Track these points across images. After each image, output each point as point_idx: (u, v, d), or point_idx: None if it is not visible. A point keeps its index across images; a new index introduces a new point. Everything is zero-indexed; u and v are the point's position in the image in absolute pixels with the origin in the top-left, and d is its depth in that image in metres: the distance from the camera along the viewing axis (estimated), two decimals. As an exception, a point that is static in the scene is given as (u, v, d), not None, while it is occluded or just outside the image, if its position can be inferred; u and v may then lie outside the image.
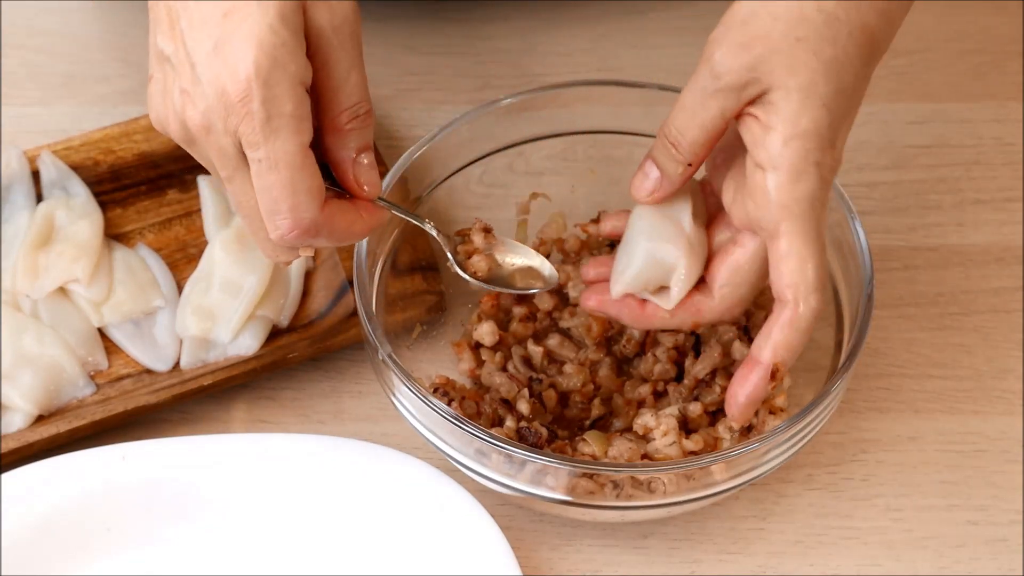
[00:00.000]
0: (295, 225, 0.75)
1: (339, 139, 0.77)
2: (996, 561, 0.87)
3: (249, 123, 0.73)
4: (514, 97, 0.93)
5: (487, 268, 0.85)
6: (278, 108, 0.72)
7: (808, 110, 0.77)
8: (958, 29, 1.10)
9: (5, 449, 0.88)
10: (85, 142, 1.00)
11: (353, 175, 0.78)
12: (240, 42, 0.72)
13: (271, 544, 0.86)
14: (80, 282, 0.95)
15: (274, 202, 0.74)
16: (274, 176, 0.74)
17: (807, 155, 0.77)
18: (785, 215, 0.78)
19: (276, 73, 0.72)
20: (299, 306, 0.96)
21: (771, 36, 0.77)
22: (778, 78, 0.77)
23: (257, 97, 0.72)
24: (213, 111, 0.73)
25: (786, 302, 0.79)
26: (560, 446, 0.87)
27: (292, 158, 0.73)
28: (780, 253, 0.79)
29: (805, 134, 0.77)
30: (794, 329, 0.80)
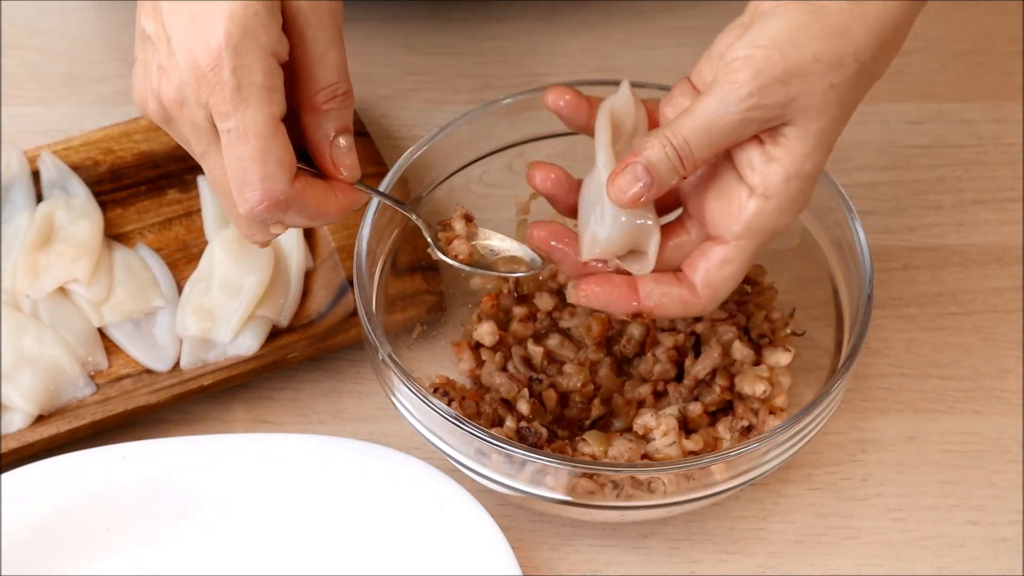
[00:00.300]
0: (264, 196, 0.74)
1: (316, 119, 0.76)
2: (996, 561, 0.87)
3: (220, 92, 0.72)
4: (514, 97, 0.93)
5: (468, 252, 0.84)
6: (248, 77, 0.72)
7: (817, 154, 0.78)
8: (958, 29, 1.10)
9: (5, 449, 0.88)
10: (85, 142, 1.00)
11: (331, 157, 0.77)
12: (213, 13, 0.72)
13: (271, 544, 0.86)
14: (80, 282, 0.95)
15: (243, 172, 0.74)
16: (244, 146, 0.73)
17: (800, 195, 0.78)
18: (748, 235, 0.79)
19: (246, 42, 0.72)
20: (299, 306, 0.96)
21: (809, 77, 0.76)
22: (801, 118, 0.77)
23: (227, 66, 0.72)
24: (186, 84, 0.73)
25: (694, 292, 0.79)
26: (560, 446, 0.87)
27: (262, 128, 0.73)
28: (720, 256, 0.79)
29: (807, 176, 0.78)
30: (682, 308, 0.80)
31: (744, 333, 0.90)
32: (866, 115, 1.05)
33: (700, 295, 0.80)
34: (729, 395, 0.88)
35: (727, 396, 0.88)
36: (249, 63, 0.72)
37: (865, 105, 0.93)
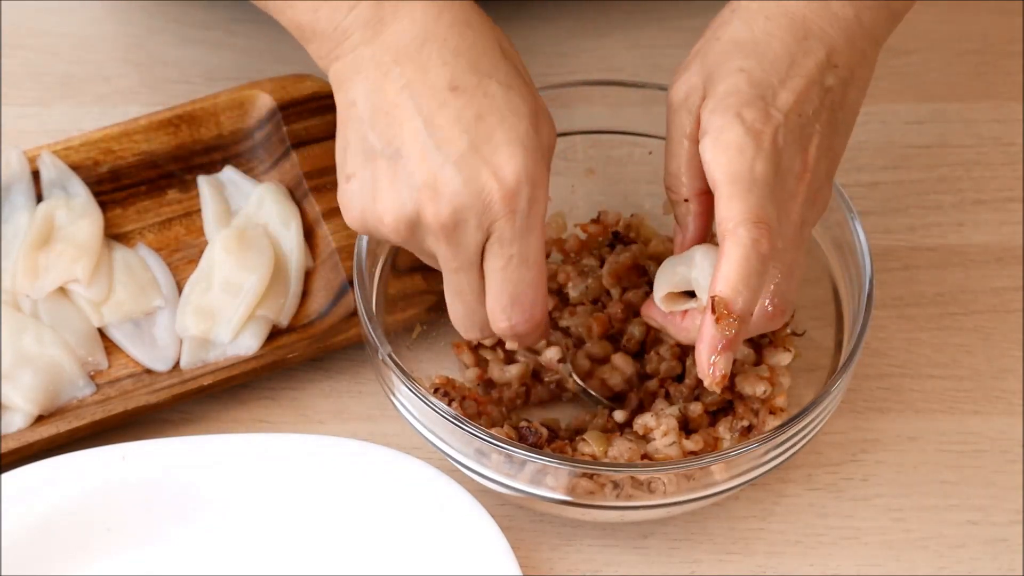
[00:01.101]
0: (530, 319, 0.80)
1: None
2: (996, 561, 0.87)
3: (510, 221, 0.76)
4: (514, 97, 0.93)
5: None
6: (539, 208, 0.77)
7: (727, 78, 0.79)
8: (958, 29, 1.10)
9: (5, 449, 0.88)
10: (85, 142, 1.00)
11: None
12: (504, 144, 0.76)
13: (271, 544, 0.86)
14: (80, 282, 0.95)
15: (518, 295, 0.79)
16: (524, 272, 0.78)
17: (726, 110, 0.78)
18: (716, 167, 0.77)
19: (539, 173, 0.76)
20: (299, 306, 0.96)
21: (702, 50, 0.81)
22: (707, 74, 0.79)
23: (524, 196, 0.76)
24: (469, 208, 0.76)
25: (720, 240, 0.77)
26: (560, 446, 0.87)
27: (540, 256, 0.78)
28: (715, 201, 0.78)
29: (725, 96, 0.78)
30: (728, 260, 0.76)
31: (744, 333, 0.90)
32: (866, 115, 1.05)
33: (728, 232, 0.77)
34: (729, 395, 0.88)
35: (727, 396, 0.88)
36: (540, 196, 0.77)
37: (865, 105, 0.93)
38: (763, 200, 0.77)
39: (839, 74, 0.80)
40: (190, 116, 1.00)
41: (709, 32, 0.82)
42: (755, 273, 0.76)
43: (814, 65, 0.80)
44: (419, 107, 0.77)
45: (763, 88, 0.78)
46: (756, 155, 0.77)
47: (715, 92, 0.79)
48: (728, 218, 0.76)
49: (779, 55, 0.79)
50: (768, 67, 0.79)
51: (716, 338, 0.76)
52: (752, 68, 0.79)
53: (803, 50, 0.80)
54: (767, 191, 0.77)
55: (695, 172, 0.81)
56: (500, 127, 0.76)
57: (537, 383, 0.91)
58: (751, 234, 0.76)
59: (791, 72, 0.79)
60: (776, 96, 0.78)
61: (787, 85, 0.79)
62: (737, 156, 0.77)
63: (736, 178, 0.77)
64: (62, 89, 1.08)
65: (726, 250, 0.76)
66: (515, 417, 0.90)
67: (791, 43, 0.80)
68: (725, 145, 0.77)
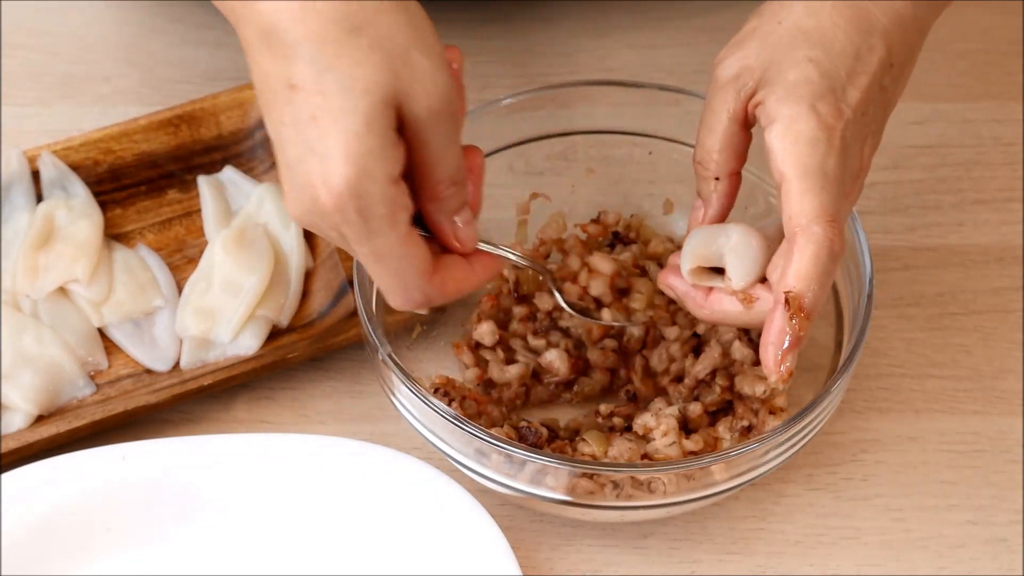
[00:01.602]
0: (407, 302, 0.77)
1: (437, 205, 0.77)
2: (996, 561, 0.87)
3: (348, 228, 0.74)
4: (514, 97, 0.93)
5: None
6: (372, 212, 0.73)
7: (795, 67, 0.77)
8: (958, 29, 1.10)
9: (5, 449, 0.88)
10: (85, 142, 1.00)
11: (453, 234, 0.78)
12: (333, 150, 0.72)
13: (271, 544, 0.86)
14: (80, 282, 0.95)
15: (386, 288, 0.77)
16: (380, 267, 0.75)
17: (799, 101, 0.77)
18: (783, 155, 0.77)
19: (364, 182, 0.72)
20: (299, 306, 0.96)
21: (757, 31, 0.79)
22: (764, 58, 0.78)
23: (351, 207, 0.72)
24: (309, 213, 0.74)
25: (791, 235, 0.77)
26: (560, 446, 0.87)
27: (393, 250, 0.75)
28: (784, 194, 0.77)
29: (795, 85, 0.77)
30: (801, 255, 0.76)
31: (744, 333, 0.90)
32: (866, 115, 1.05)
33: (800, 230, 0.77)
34: (729, 395, 0.88)
35: (727, 396, 0.88)
36: (371, 202, 0.72)
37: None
38: (836, 198, 0.76)
39: (894, 74, 0.80)
40: (190, 116, 1.01)
41: (768, 13, 0.80)
42: (827, 272, 0.76)
43: (877, 63, 0.79)
44: (267, 104, 0.74)
45: (833, 81, 0.77)
46: (828, 151, 0.76)
47: (783, 79, 0.77)
48: (802, 213, 0.76)
49: (845, 48, 0.78)
50: (836, 60, 0.78)
51: (785, 333, 0.76)
52: (821, 59, 0.77)
53: (868, 46, 0.79)
54: (838, 189, 0.77)
55: (732, 152, 0.80)
56: (333, 130, 0.72)
57: (537, 383, 0.91)
58: (827, 232, 0.76)
59: (857, 68, 0.78)
60: (845, 91, 0.78)
61: (854, 82, 0.78)
62: (811, 150, 0.76)
63: (810, 173, 0.76)
64: (62, 89, 1.08)
65: (801, 246, 0.76)
66: (515, 417, 0.90)
67: (856, 37, 0.78)
68: (797, 137, 0.76)
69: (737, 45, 0.80)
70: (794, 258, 0.76)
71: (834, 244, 0.76)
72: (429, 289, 0.77)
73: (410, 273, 0.76)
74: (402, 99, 0.72)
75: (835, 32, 0.78)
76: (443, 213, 0.77)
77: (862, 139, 0.79)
